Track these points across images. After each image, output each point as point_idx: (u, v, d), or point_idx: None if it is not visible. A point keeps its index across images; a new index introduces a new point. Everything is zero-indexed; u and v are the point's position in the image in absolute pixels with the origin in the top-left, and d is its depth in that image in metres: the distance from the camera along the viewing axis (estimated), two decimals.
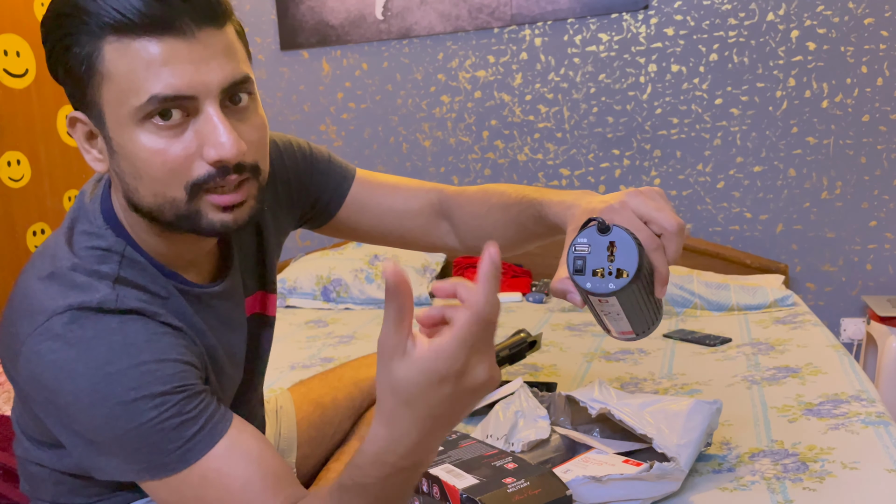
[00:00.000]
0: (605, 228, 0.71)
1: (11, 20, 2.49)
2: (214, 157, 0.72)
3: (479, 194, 1.07)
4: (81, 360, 0.71)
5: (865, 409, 1.35)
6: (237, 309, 0.92)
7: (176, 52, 0.69)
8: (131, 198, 0.76)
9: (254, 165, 0.76)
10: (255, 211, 0.78)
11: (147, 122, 0.71)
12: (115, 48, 0.69)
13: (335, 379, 1.30)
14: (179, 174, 0.72)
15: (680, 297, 2.21)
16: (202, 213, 0.75)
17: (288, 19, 2.89)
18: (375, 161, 2.90)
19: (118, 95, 0.71)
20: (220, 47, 0.72)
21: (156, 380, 0.72)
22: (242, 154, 0.73)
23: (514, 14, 2.63)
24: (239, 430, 0.77)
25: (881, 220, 2.41)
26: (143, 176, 0.73)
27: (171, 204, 0.74)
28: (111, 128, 0.73)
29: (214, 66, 0.71)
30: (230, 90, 0.73)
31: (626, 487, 1.02)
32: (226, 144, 0.71)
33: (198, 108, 0.72)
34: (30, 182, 2.55)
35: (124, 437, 0.72)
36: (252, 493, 0.73)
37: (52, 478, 0.87)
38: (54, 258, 0.78)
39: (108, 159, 0.76)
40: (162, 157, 0.72)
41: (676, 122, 2.54)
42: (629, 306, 0.74)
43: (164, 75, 0.69)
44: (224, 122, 0.72)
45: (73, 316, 0.73)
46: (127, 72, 0.70)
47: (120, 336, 0.73)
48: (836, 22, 2.35)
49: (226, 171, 0.73)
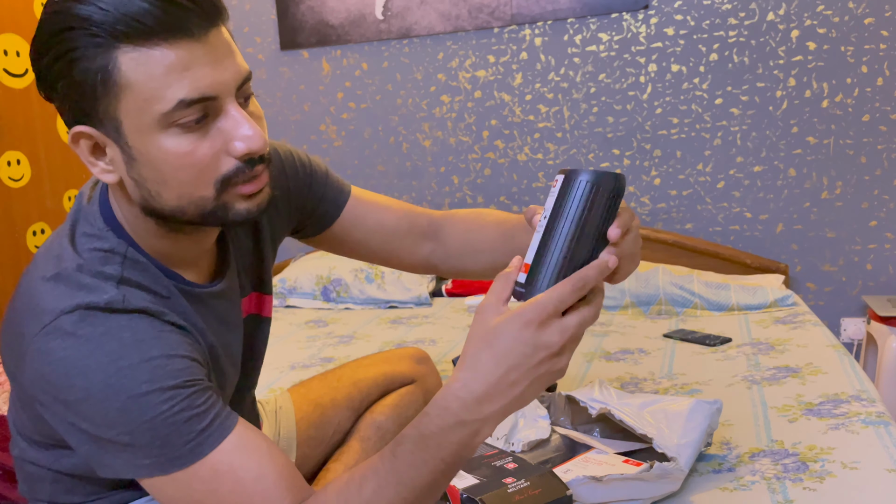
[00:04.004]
0: (574, 172, 0.72)
1: (11, 20, 2.49)
2: (244, 150, 0.74)
3: (473, 213, 1.14)
4: (93, 355, 0.72)
5: (865, 408, 1.35)
6: (234, 309, 0.93)
7: (193, 54, 0.70)
8: (152, 203, 0.77)
9: (268, 156, 0.79)
10: (271, 196, 0.81)
11: (172, 126, 0.72)
12: (132, 57, 0.69)
13: (334, 379, 1.30)
14: (208, 173, 0.74)
15: (680, 297, 2.21)
16: (229, 206, 0.77)
17: (288, 19, 2.89)
18: (375, 161, 2.90)
19: (139, 104, 0.71)
20: (226, 46, 0.74)
21: (166, 374, 0.73)
22: (266, 144, 0.76)
23: (514, 14, 2.63)
24: (246, 427, 0.77)
25: (881, 220, 2.41)
26: (170, 180, 0.74)
27: (198, 203, 0.76)
28: (130, 136, 0.73)
29: (228, 65, 0.73)
30: (242, 86, 0.75)
31: (626, 487, 1.02)
32: (253, 137, 0.74)
33: (218, 108, 0.73)
34: (30, 182, 2.55)
35: (136, 431, 0.72)
36: (266, 486, 0.74)
37: (50, 477, 0.87)
38: (59, 259, 0.78)
39: (125, 167, 0.76)
40: (191, 159, 0.73)
41: (676, 121, 2.54)
42: (556, 222, 0.71)
43: (186, 80, 0.70)
44: (246, 116, 0.74)
45: (83, 314, 0.73)
46: (147, 80, 0.70)
47: (129, 333, 0.74)
48: (836, 22, 2.35)
49: (253, 163, 0.76)
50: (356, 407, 1.27)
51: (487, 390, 0.67)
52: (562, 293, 0.67)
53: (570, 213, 0.70)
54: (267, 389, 1.67)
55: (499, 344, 0.67)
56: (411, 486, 0.70)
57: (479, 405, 0.68)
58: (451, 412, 0.68)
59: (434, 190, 2.85)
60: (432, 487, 0.71)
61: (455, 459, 0.70)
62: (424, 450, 0.69)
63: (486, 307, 0.70)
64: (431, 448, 0.69)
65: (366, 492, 0.71)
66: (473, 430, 0.69)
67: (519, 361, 0.67)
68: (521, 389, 0.68)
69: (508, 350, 0.67)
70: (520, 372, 0.67)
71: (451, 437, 0.68)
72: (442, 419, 0.68)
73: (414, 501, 0.71)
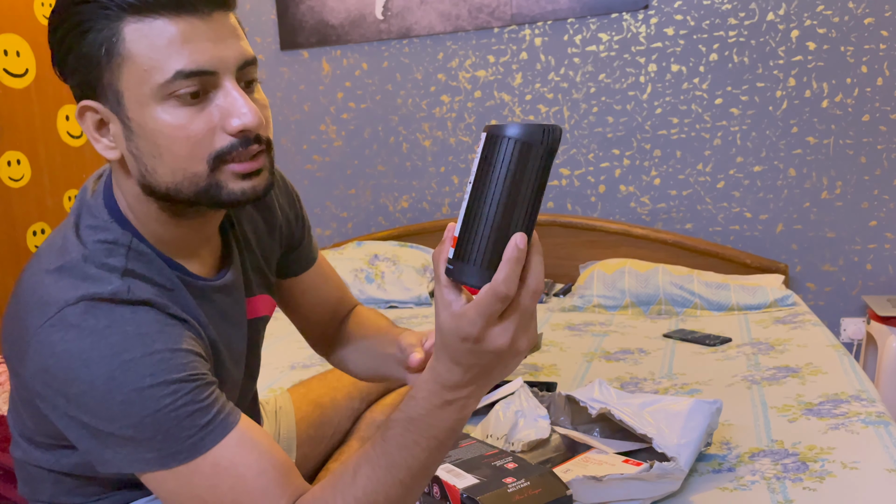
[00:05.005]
0: (498, 129, 0.64)
1: (11, 20, 2.49)
2: (238, 126, 0.75)
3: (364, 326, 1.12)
4: (96, 348, 0.72)
5: (865, 408, 1.35)
6: (237, 305, 0.93)
7: (195, 29, 0.73)
8: (148, 180, 0.78)
9: (267, 139, 0.79)
10: (270, 182, 0.81)
11: (169, 98, 0.73)
12: (135, 29, 0.72)
13: (334, 379, 1.31)
14: (202, 147, 0.75)
15: (680, 296, 2.21)
16: (222, 185, 0.77)
17: (288, 19, 2.89)
18: (375, 161, 2.90)
19: (139, 75, 0.73)
20: (231, 28, 0.76)
21: (170, 368, 0.73)
22: (262, 123, 0.76)
23: (514, 14, 2.63)
24: (248, 423, 0.78)
25: (881, 220, 2.41)
26: (164, 153, 0.75)
27: (192, 179, 0.76)
28: (130, 108, 0.75)
29: (231, 44, 0.75)
30: (244, 69, 0.77)
31: (626, 487, 1.02)
32: (248, 114, 0.74)
33: (217, 84, 0.75)
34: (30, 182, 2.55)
35: (139, 425, 0.72)
36: (266, 481, 0.74)
37: (51, 478, 0.87)
38: (63, 251, 0.78)
39: (124, 143, 0.77)
40: (185, 132, 0.74)
41: (676, 121, 2.54)
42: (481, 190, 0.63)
43: (186, 52, 0.72)
44: (244, 95, 0.75)
45: (87, 306, 0.73)
46: (148, 51, 0.72)
47: (133, 326, 0.74)
48: (836, 22, 2.35)
49: (248, 141, 0.76)
50: (356, 406, 1.27)
51: (461, 378, 0.67)
52: (489, 306, 0.62)
53: (496, 179, 0.62)
54: (267, 389, 1.67)
55: (450, 349, 0.66)
56: (405, 467, 0.71)
57: (457, 388, 0.68)
58: (436, 394, 0.68)
59: (434, 190, 2.85)
60: (426, 466, 0.71)
61: (447, 436, 0.70)
62: (414, 431, 0.70)
63: (437, 297, 0.66)
64: (422, 428, 0.69)
65: (360, 478, 0.72)
66: (460, 405, 0.69)
67: (474, 362, 0.66)
68: (483, 371, 0.67)
69: (459, 358, 0.66)
70: (468, 361, 0.66)
71: (440, 415, 0.69)
72: (429, 401, 0.69)
73: (409, 481, 0.71)
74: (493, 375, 0.68)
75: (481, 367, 0.66)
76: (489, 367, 0.66)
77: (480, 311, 0.63)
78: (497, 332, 0.64)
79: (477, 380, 0.67)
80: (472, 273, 0.64)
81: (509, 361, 0.67)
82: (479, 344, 0.64)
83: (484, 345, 0.64)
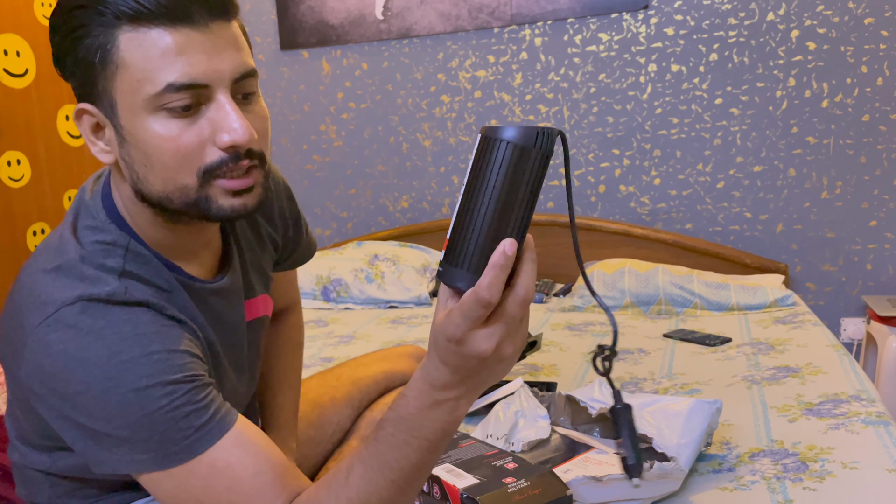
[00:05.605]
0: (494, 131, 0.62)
1: (11, 20, 2.48)
2: (228, 141, 0.73)
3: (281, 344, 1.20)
4: (93, 348, 0.72)
5: (865, 408, 1.35)
6: (234, 308, 0.93)
7: (191, 41, 0.71)
8: (140, 187, 0.77)
9: (261, 153, 0.78)
10: (262, 198, 0.80)
11: (160, 110, 0.72)
12: (131, 37, 0.71)
13: (334, 378, 1.30)
14: (191, 160, 0.74)
15: (680, 296, 2.21)
16: (212, 199, 0.76)
17: (288, 19, 2.89)
18: (375, 161, 2.90)
19: (132, 84, 0.72)
20: (231, 39, 0.75)
21: (167, 368, 0.73)
22: (253, 139, 0.75)
23: (514, 14, 2.62)
24: (245, 424, 0.78)
25: (881, 220, 2.41)
26: (155, 163, 0.74)
27: (182, 191, 0.75)
28: (123, 116, 0.74)
29: (226, 57, 0.74)
30: (240, 81, 0.75)
31: (626, 487, 1.02)
32: (239, 130, 0.73)
33: (210, 97, 0.74)
34: (30, 182, 2.55)
35: (136, 425, 0.72)
36: (262, 482, 0.74)
37: (48, 481, 0.87)
38: (61, 251, 0.78)
39: (117, 149, 0.77)
40: (175, 144, 0.73)
41: (676, 121, 2.54)
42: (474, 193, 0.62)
43: (179, 64, 0.71)
44: (236, 109, 0.74)
45: (84, 306, 0.73)
46: (142, 60, 0.71)
47: (130, 326, 0.74)
48: (836, 22, 2.35)
49: (238, 157, 0.75)
50: (356, 406, 1.27)
51: (450, 378, 0.66)
52: (471, 310, 0.61)
53: (488, 182, 0.60)
54: None
55: (439, 348, 0.65)
56: (397, 468, 0.70)
57: (447, 388, 0.67)
58: (426, 393, 0.67)
59: (434, 190, 2.85)
60: (417, 468, 0.71)
61: (439, 437, 0.69)
62: (405, 431, 0.69)
63: (438, 294, 0.67)
64: (413, 428, 0.69)
65: (353, 479, 0.71)
66: (450, 407, 0.68)
67: (459, 364, 0.65)
68: (469, 374, 0.66)
69: (446, 358, 0.65)
70: (455, 362, 0.65)
71: (430, 415, 0.68)
72: (419, 400, 0.68)
73: (402, 482, 0.71)
74: (482, 379, 0.67)
75: (466, 369, 0.65)
76: (474, 371, 0.65)
77: (463, 315, 0.62)
78: (480, 337, 0.62)
79: (465, 382, 0.66)
80: (460, 277, 0.63)
81: (495, 367, 0.65)
82: (462, 346, 0.63)
83: (465, 348, 0.63)
